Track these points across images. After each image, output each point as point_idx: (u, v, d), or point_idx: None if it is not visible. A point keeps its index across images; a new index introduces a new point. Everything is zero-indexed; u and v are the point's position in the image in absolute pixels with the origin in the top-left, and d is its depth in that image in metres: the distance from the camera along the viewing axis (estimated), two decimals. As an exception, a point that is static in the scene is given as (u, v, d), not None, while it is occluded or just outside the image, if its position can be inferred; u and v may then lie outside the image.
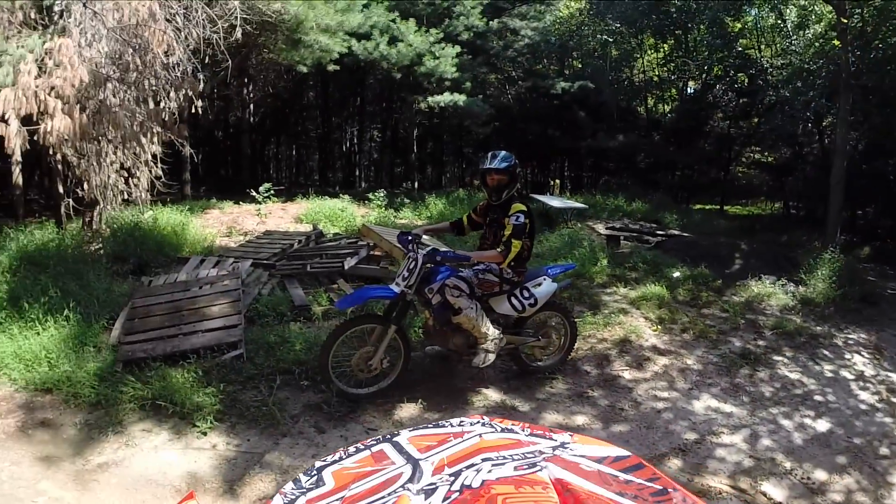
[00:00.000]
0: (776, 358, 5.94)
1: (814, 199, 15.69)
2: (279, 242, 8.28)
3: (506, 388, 4.91)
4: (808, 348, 6.27)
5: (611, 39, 19.20)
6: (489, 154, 4.65)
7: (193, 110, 8.21)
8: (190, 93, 8.04)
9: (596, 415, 4.68)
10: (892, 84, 11.51)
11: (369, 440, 1.38)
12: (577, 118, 18.94)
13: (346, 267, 6.99)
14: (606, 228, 10.95)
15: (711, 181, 20.70)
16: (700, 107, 19.47)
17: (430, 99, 15.85)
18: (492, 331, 4.54)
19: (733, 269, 8.95)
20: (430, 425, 1.49)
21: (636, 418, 4.70)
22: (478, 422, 1.44)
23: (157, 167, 8.63)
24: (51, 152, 7.88)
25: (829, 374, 5.80)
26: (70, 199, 8.62)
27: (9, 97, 6.49)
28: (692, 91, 20.79)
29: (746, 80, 17.51)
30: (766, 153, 20.30)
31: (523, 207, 4.51)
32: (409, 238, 4.58)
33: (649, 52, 21.23)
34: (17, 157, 9.46)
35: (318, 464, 1.33)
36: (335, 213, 10.92)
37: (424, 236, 5.06)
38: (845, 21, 9.74)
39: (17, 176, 10.82)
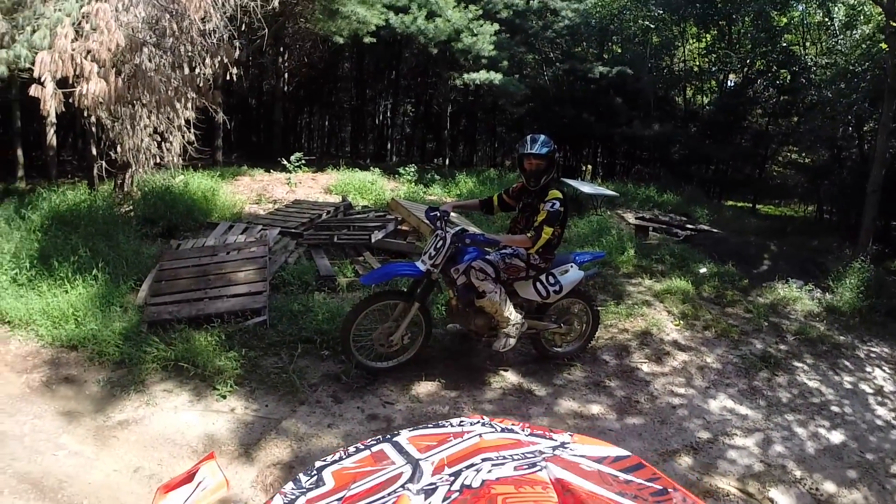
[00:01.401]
0: (796, 364, 5.86)
1: (848, 206, 15.28)
2: (308, 212, 8.35)
3: (524, 372, 4.92)
4: (830, 357, 6.16)
5: (652, 26, 18.79)
6: (528, 138, 4.50)
7: (228, 77, 8.27)
8: (225, 60, 8.09)
9: (611, 405, 4.68)
10: (937, 94, 11.10)
11: (369, 440, 1.39)
12: (613, 104, 18.65)
13: (372, 240, 7.02)
14: (636, 218, 10.82)
15: (745, 178, 20.30)
16: (739, 101, 19.02)
17: (465, 76, 15.67)
18: (514, 315, 4.52)
19: (761, 270, 8.80)
20: (429, 425, 1.49)
21: (651, 412, 4.69)
22: (478, 422, 1.44)
23: (189, 132, 8.77)
24: (85, 115, 8.03)
25: (848, 386, 5.70)
26: (103, 162, 8.81)
27: (45, 60, 6.58)
28: (732, 84, 20.28)
29: (789, 77, 17.11)
30: (803, 154, 19.84)
31: (560, 195, 4.42)
32: (438, 215, 4.54)
33: (691, 41, 20.74)
34: (52, 118, 9.70)
35: (318, 464, 1.34)
36: (365, 185, 10.96)
37: (452, 214, 5.04)
38: (894, 24, 9.40)
39: (52, 137, 11.04)
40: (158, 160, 8.85)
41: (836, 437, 4.86)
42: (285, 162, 11.17)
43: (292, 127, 23.93)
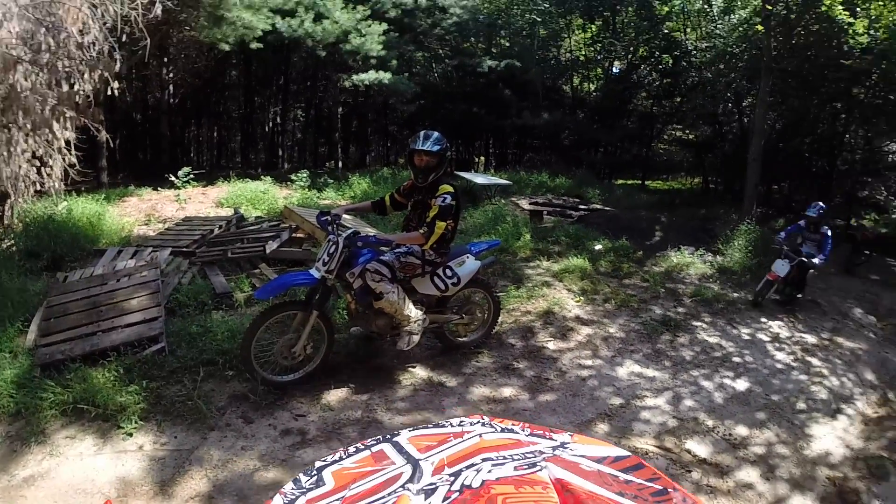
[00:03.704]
0: (695, 323, 6.23)
1: (732, 175, 16.41)
2: (199, 228, 8.06)
3: (433, 365, 4.96)
4: (726, 314, 6.60)
5: (539, 19, 19.31)
6: (421, 134, 4.48)
7: (110, 92, 7.79)
8: (106, 74, 7.64)
9: (523, 386, 4.80)
10: (811, 69, 12.09)
11: (369, 440, 1.38)
12: (502, 96, 19.07)
13: (267, 251, 6.86)
14: (530, 204, 11.14)
15: (634, 157, 21.39)
16: (625, 86, 20.03)
17: (354, 77, 15.52)
18: (414, 313, 4.53)
19: (654, 241, 9.30)
20: (429, 425, 1.49)
21: (562, 387, 4.84)
22: (478, 422, 1.45)
23: (70, 154, 8.24)
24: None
25: (747, 338, 6.13)
26: (-21, 195, 8.12)
27: None
28: (617, 71, 21.25)
29: (671, 62, 18.00)
30: (687, 131, 20.94)
31: (451, 189, 4.45)
32: (329, 219, 4.46)
33: (577, 32, 21.44)
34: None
35: (318, 464, 1.33)
36: (257, 195, 10.64)
37: (346, 216, 4.98)
38: (770, 7, 10.18)
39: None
40: (39, 187, 8.23)
41: (742, 384, 5.22)
42: (173, 178, 10.70)
43: (180, 140, 22.98)
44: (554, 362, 5.22)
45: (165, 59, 17.93)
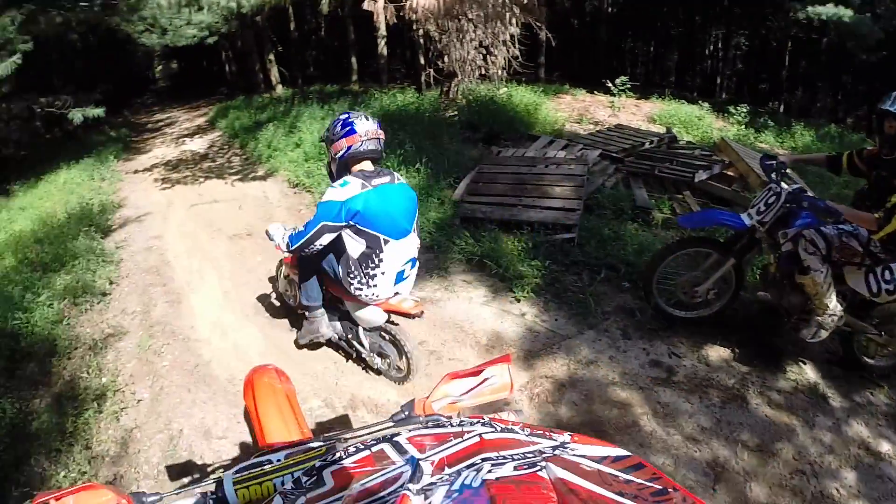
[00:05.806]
0: None
1: None
2: (630, 139, 8.06)
3: (824, 373, 4.12)
4: None
5: None
6: (893, 94, 3.59)
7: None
8: (552, -25, 7.93)
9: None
10: None
11: (369, 440, 1.36)
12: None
13: (696, 179, 6.59)
14: None
15: None
16: None
17: (809, 9, 13.03)
18: (834, 304, 3.76)
19: None
20: (429, 425, 1.49)
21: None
22: (478, 421, 1.40)
23: (514, 47, 8.94)
24: (413, 28, 8.55)
25: None
26: (430, 70, 9.44)
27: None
28: None
29: None
30: None
31: None
32: (774, 165, 3.94)
33: None
34: (383, 31, 10.80)
35: (317, 463, 1.32)
36: (691, 119, 10.19)
37: (789, 170, 4.22)
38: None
39: (383, 47, 12.26)
40: (483, 72, 9.24)
41: None
42: (609, 84, 10.76)
43: (614, 50, 23.03)
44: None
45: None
